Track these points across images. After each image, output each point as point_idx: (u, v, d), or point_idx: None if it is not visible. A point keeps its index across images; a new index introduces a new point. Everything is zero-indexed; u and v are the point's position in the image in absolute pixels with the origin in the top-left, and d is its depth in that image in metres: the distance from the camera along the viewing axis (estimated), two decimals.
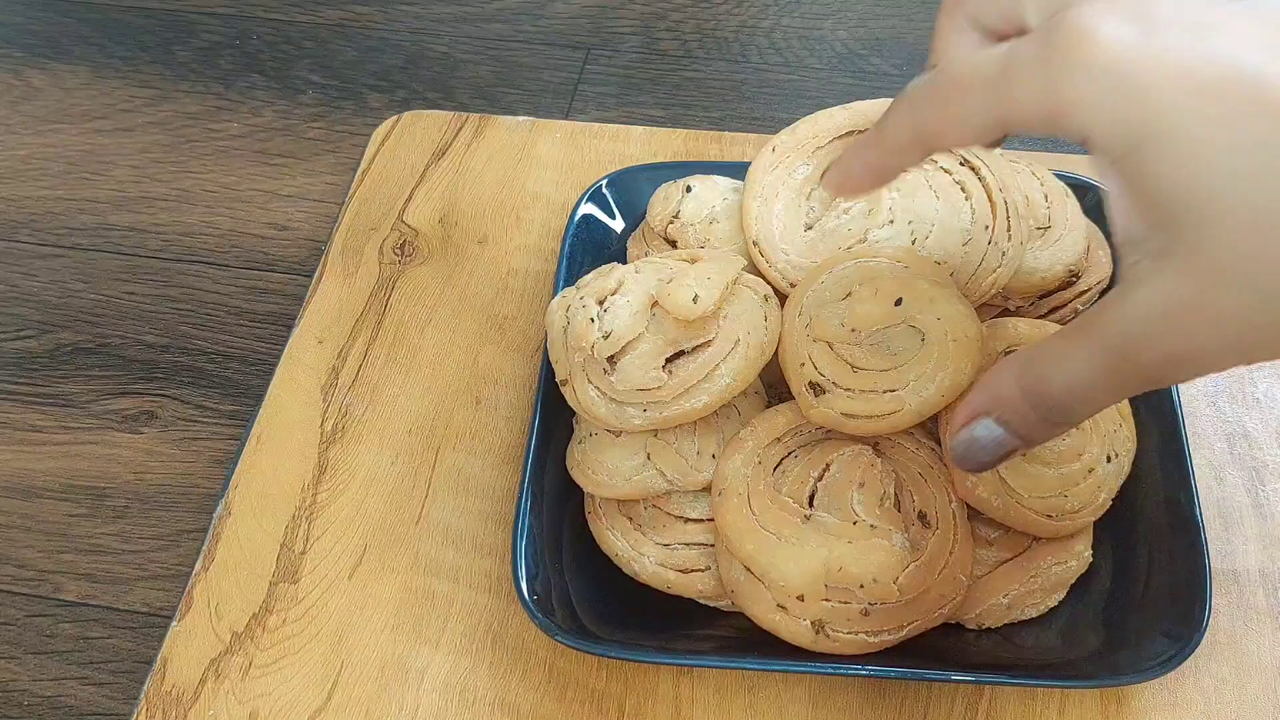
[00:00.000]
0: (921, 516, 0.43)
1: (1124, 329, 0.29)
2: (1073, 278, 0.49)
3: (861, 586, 0.41)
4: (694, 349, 0.44)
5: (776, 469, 0.44)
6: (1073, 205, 0.50)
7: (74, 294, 0.61)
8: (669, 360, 0.44)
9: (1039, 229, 0.49)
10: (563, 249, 0.55)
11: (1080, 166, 0.55)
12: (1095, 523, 0.45)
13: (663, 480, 0.45)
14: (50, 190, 0.66)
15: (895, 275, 0.43)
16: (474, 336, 0.57)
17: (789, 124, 0.51)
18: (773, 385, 0.48)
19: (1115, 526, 0.46)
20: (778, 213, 0.49)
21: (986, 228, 0.47)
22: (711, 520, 0.45)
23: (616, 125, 0.65)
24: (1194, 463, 0.46)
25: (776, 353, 0.45)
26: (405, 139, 0.65)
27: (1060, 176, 0.52)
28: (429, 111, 0.67)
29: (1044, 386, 0.31)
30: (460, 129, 0.65)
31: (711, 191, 0.52)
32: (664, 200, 0.53)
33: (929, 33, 0.30)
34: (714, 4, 0.75)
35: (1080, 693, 0.44)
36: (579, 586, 0.47)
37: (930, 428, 0.45)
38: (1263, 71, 0.26)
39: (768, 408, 0.46)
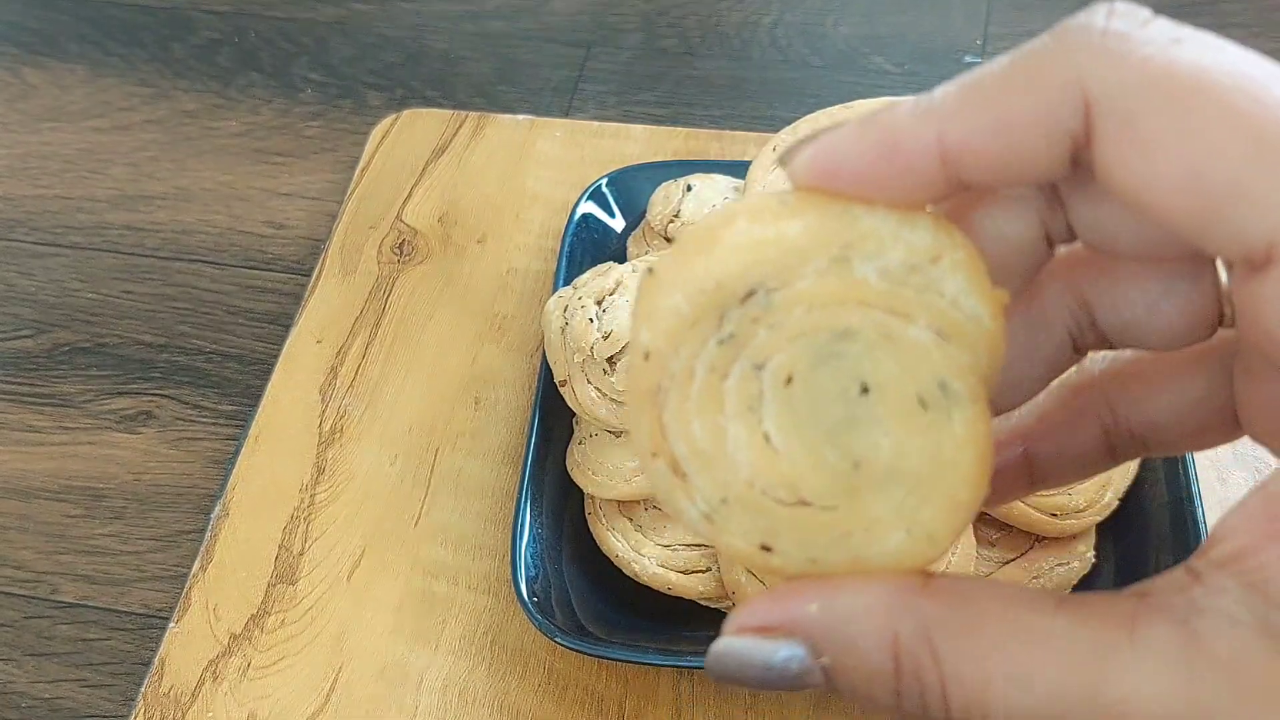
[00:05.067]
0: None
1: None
2: None
3: None
4: None
5: None
6: None
7: (71, 293, 0.61)
8: None
9: None
10: (562, 248, 0.54)
11: None
12: (1097, 524, 0.45)
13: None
14: (47, 189, 0.66)
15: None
16: (473, 336, 0.56)
17: (790, 122, 0.50)
18: None
19: (1117, 527, 0.46)
20: None
21: None
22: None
23: (617, 124, 0.65)
24: (1196, 463, 0.45)
25: None
26: (404, 137, 0.65)
27: None
28: (428, 110, 0.66)
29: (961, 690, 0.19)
30: (460, 127, 0.65)
31: (712, 190, 0.52)
32: (664, 199, 0.52)
33: (931, 30, 0.28)
34: (715, 1, 0.75)
35: None
36: (579, 588, 0.46)
37: None
38: None
39: None
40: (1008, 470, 0.25)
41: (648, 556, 0.45)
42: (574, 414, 0.49)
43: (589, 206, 0.56)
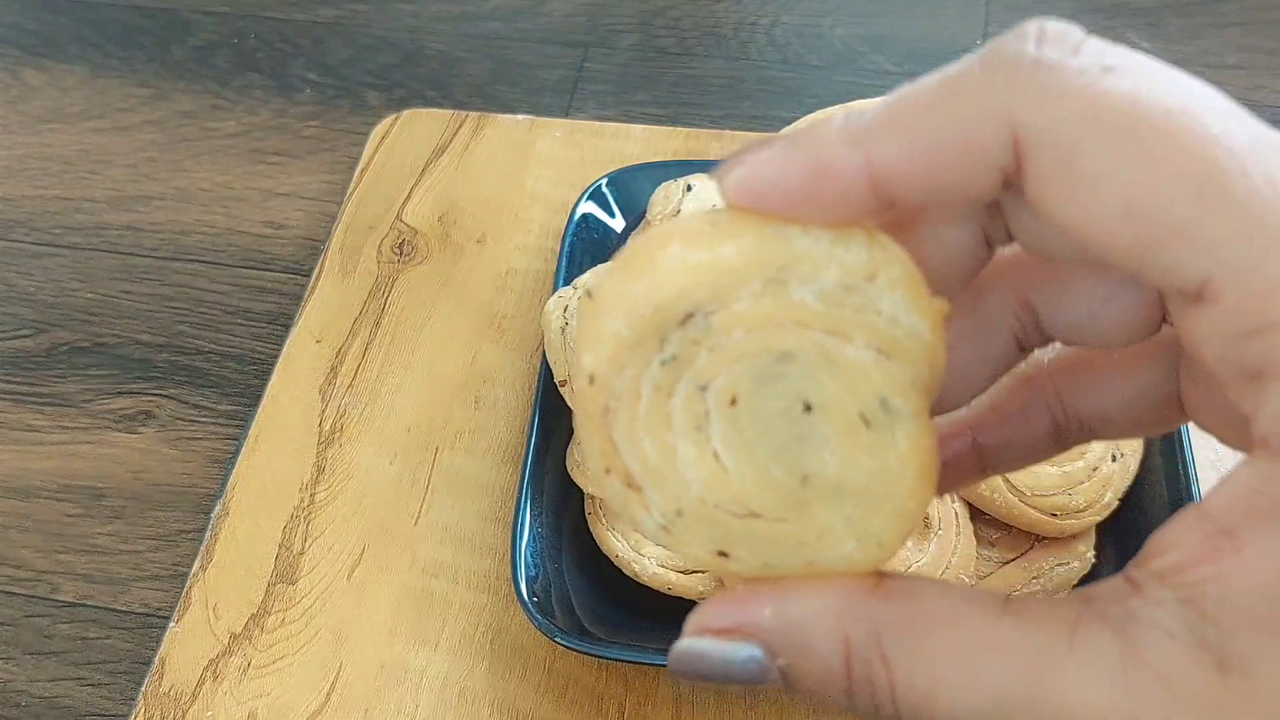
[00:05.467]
0: (923, 517, 0.43)
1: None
2: None
3: None
4: None
5: None
6: None
7: (70, 293, 0.61)
8: None
9: None
10: (562, 248, 0.54)
11: None
12: (1097, 524, 0.45)
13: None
14: (46, 189, 0.66)
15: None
16: (473, 336, 0.56)
17: (789, 122, 0.50)
18: None
19: (1117, 527, 0.46)
20: None
21: None
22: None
23: (616, 124, 0.65)
24: (1196, 463, 0.45)
25: None
26: (404, 137, 0.65)
27: None
28: (428, 110, 0.66)
29: (910, 681, 0.20)
30: (459, 128, 0.65)
31: (712, 190, 0.52)
32: (664, 199, 0.53)
33: (929, 30, 0.27)
34: (713, 1, 0.75)
35: None
36: (578, 587, 0.46)
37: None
38: None
39: None
40: (958, 460, 0.25)
41: (648, 556, 0.45)
42: (574, 413, 0.49)
43: (589, 206, 0.56)
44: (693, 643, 0.22)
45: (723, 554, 0.21)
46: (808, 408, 0.20)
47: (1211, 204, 0.18)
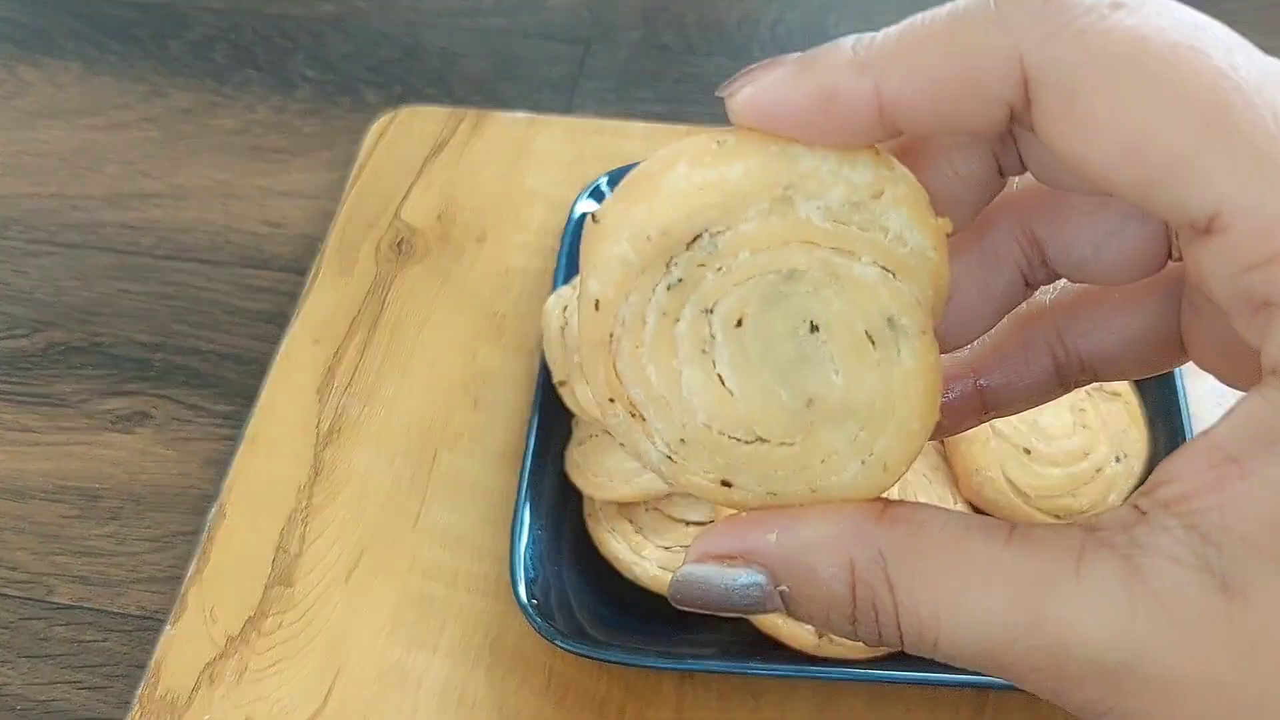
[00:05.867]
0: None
1: (1078, 636, 0.19)
2: None
3: None
4: None
5: None
6: None
7: (66, 292, 0.61)
8: None
9: None
10: (562, 247, 0.54)
11: None
12: None
13: (663, 482, 0.44)
14: (42, 187, 0.65)
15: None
16: (472, 335, 0.56)
17: None
18: None
19: None
20: None
21: None
22: (713, 523, 0.44)
23: (617, 121, 0.65)
24: None
25: None
26: (403, 135, 0.64)
27: None
28: (427, 107, 0.66)
29: (905, 601, 0.20)
30: (459, 125, 0.65)
31: None
32: None
33: None
34: None
35: None
36: (579, 590, 0.46)
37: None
38: None
39: None
40: (960, 402, 0.26)
41: (648, 559, 0.45)
42: (573, 415, 0.48)
43: (589, 204, 0.56)
44: (694, 569, 0.22)
45: (726, 483, 0.21)
46: (814, 328, 0.20)
47: (1218, 138, 0.18)
